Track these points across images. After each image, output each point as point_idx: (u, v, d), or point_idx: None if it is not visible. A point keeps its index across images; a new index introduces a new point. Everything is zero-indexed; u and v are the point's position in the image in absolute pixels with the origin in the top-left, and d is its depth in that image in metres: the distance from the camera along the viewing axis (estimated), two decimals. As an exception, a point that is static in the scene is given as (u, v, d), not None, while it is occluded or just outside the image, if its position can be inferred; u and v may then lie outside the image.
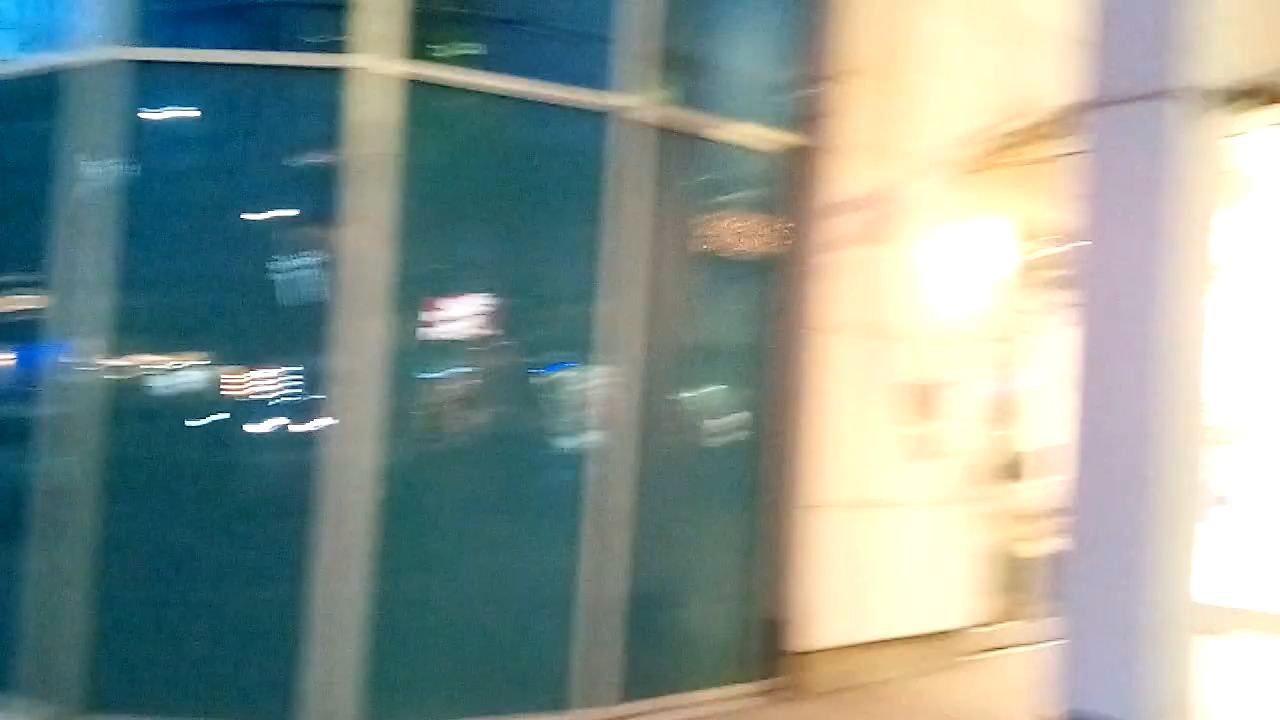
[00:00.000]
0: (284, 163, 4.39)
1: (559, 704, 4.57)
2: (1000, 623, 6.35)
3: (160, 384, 4.31)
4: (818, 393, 5.35)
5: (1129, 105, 3.94)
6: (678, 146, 4.93)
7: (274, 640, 4.17)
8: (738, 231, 5.23)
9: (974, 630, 6.17)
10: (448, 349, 4.51)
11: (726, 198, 5.23)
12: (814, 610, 5.26)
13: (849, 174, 5.46)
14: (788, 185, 5.36)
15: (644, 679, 4.79)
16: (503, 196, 4.65)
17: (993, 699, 5.28)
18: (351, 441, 4.23)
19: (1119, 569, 3.90)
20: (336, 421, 4.24)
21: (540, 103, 4.58)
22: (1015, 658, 5.90)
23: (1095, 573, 3.97)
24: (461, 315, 4.52)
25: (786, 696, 5.13)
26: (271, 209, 4.41)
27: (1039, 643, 4.82)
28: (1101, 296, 4.06)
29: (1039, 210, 6.19)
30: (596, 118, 4.69)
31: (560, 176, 4.76)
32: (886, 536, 5.68)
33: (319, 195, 4.26)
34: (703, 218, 5.12)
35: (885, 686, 5.41)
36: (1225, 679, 5.63)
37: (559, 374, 4.74)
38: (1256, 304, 7.47)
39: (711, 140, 5.08)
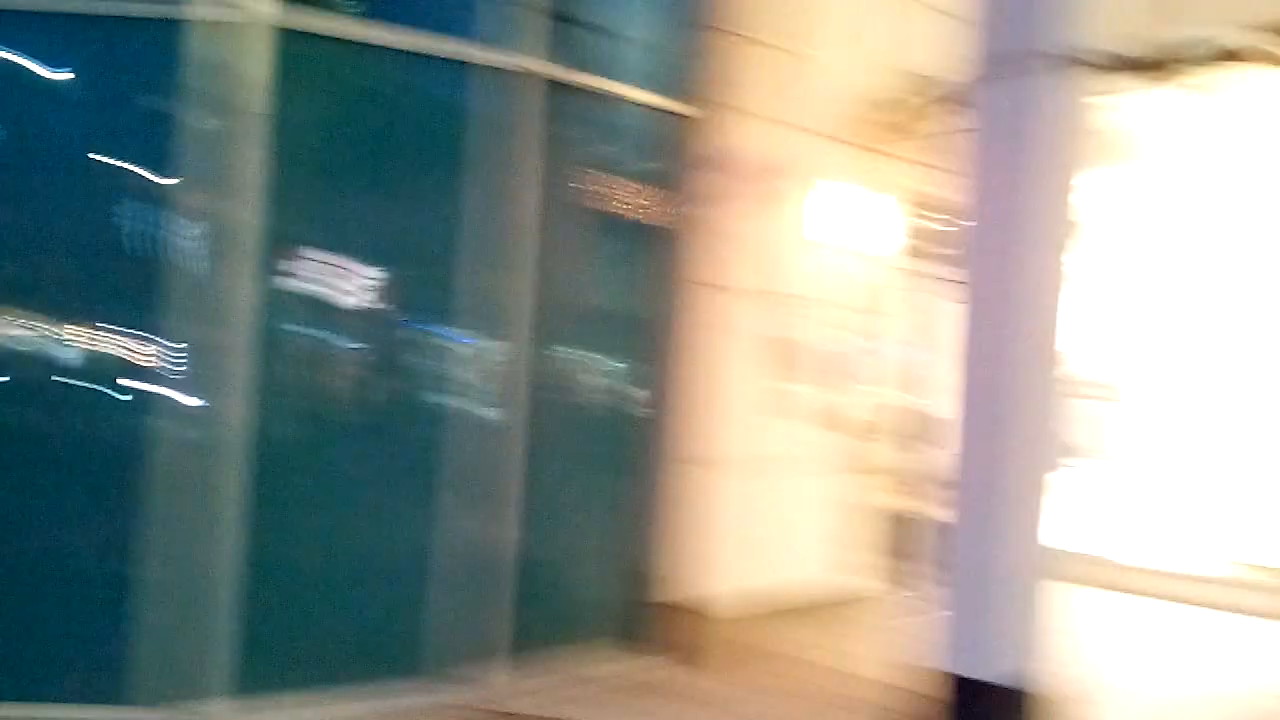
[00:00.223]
0: (143, 116, 4.13)
1: (433, 669, 4.47)
2: (880, 577, 6.49)
3: (14, 349, 4.02)
4: (703, 352, 5.35)
5: (1009, 68, 3.99)
6: (566, 106, 4.82)
7: (123, 618, 3.95)
8: (624, 192, 5.17)
9: (853, 585, 6.31)
10: (320, 312, 4.32)
11: (614, 158, 5.14)
12: (692, 565, 5.28)
13: (738, 138, 5.46)
14: (676, 147, 5.31)
15: (524, 641, 4.71)
16: (382, 154, 4.48)
17: (867, 652, 5.37)
18: (217, 406, 4.05)
19: (987, 527, 3.97)
20: (202, 386, 4.05)
21: (420, 55, 4.42)
22: (893, 611, 6.03)
23: (965, 531, 4.03)
24: (335, 278, 4.33)
25: (662, 651, 5.15)
26: (129, 163, 4.13)
27: (914, 597, 4.92)
28: (974, 256, 4.15)
29: (923, 179, 6.32)
30: (480, 72, 4.55)
31: (442, 134, 4.59)
32: (767, 492, 5.77)
33: (180, 149, 4.05)
34: (590, 178, 5.03)
35: (762, 640, 5.46)
36: (1092, 631, 5.86)
37: (439, 336, 4.60)
38: (1136, 263, 7.74)
39: (600, 100, 4.99)
